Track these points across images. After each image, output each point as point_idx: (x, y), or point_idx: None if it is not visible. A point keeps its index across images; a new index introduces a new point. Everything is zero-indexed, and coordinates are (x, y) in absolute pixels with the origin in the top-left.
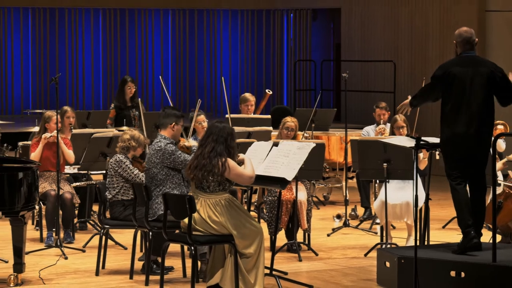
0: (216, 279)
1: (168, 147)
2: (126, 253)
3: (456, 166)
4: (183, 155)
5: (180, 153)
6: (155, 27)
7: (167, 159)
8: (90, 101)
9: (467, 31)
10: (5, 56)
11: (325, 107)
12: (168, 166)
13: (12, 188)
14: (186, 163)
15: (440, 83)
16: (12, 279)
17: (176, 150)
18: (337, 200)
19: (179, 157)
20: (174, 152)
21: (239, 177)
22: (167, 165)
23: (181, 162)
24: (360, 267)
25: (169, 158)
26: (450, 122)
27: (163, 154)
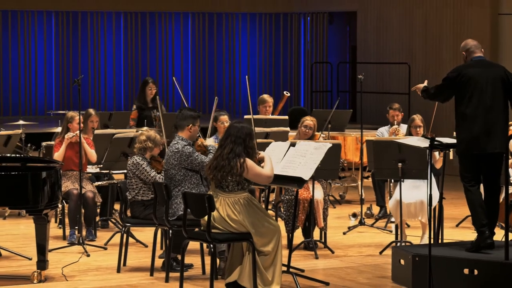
0: (234, 276)
1: (185, 149)
2: (147, 251)
3: (471, 168)
4: (200, 157)
5: (198, 154)
6: (175, 30)
7: (184, 161)
8: (112, 102)
9: (473, 40)
10: (29, 58)
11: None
12: (186, 168)
13: (35, 187)
14: (203, 164)
15: (453, 85)
16: (35, 276)
17: (193, 152)
18: (353, 199)
19: (196, 159)
20: (192, 154)
21: (258, 177)
22: (184, 166)
23: (198, 163)
24: (375, 265)
25: (186, 160)
26: (466, 123)
27: (181, 156)
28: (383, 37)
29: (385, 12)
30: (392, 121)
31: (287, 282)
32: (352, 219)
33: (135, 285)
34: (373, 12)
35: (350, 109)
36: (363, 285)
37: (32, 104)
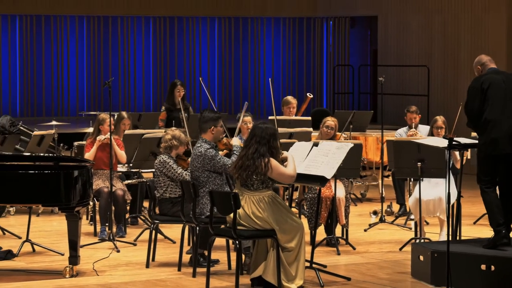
0: (259, 271)
1: (208, 152)
2: (175, 247)
3: (489, 171)
4: (223, 160)
5: (220, 157)
6: (203, 34)
7: (207, 164)
8: (141, 103)
9: (486, 55)
10: (62, 61)
11: (363, 110)
12: (209, 170)
13: (68, 185)
14: (225, 167)
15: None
16: (67, 271)
17: (216, 155)
18: (373, 197)
19: (219, 162)
20: (214, 157)
21: (281, 176)
22: (207, 169)
23: (220, 166)
24: (395, 261)
25: (209, 163)
26: (489, 127)
27: (204, 159)
28: (403, 40)
29: (405, 17)
30: (410, 123)
31: (310, 278)
32: (373, 216)
33: (163, 280)
34: (394, 16)
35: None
36: (384, 280)
37: (65, 105)
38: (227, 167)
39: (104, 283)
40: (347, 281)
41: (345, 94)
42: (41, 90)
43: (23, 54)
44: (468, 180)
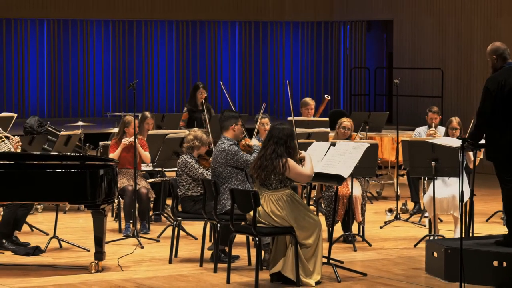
0: (278, 267)
1: (231, 148)
2: (197, 243)
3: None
4: (245, 156)
5: (242, 153)
6: (224, 38)
7: (230, 159)
8: (164, 104)
9: (502, 44)
10: (88, 64)
11: (378, 111)
12: (232, 165)
13: (93, 183)
14: (248, 163)
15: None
16: (93, 266)
17: (238, 151)
18: (389, 195)
19: (241, 157)
20: (237, 153)
21: (299, 176)
22: (230, 164)
23: (243, 162)
24: (410, 257)
25: (232, 158)
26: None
27: (227, 154)
28: (418, 44)
29: (420, 20)
30: (430, 123)
31: (327, 273)
32: (388, 214)
33: (185, 275)
34: (408, 20)
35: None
36: (399, 276)
37: (91, 106)
38: (249, 163)
39: (128, 278)
40: (363, 276)
41: (361, 95)
42: (68, 91)
43: (50, 57)
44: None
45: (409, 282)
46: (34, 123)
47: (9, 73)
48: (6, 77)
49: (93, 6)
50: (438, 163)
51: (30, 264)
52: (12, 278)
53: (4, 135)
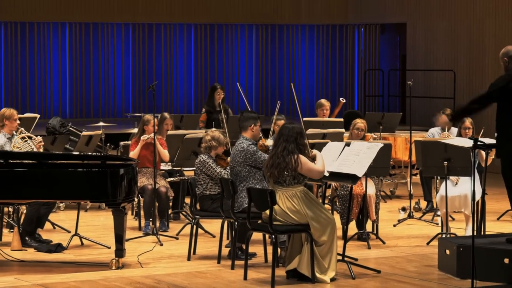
0: (294, 264)
1: (250, 148)
2: (214, 241)
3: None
4: (263, 155)
5: (261, 153)
6: (241, 40)
7: (249, 159)
8: (183, 105)
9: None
10: (109, 66)
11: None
12: (250, 165)
13: (114, 182)
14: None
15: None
16: (114, 263)
17: (257, 150)
18: (402, 194)
19: (260, 157)
20: (255, 152)
21: (310, 172)
22: (249, 163)
23: (261, 161)
24: (423, 254)
25: (251, 157)
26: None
27: (246, 154)
28: (430, 46)
29: (432, 23)
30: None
31: (342, 270)
32: (401, 212)
33: (203, 272)
34: (421, 23)
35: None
36: (412, 273)
37: (111, 107)
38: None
39: (148, 275)
40: (377, 273)
41: (375, 97)
42: (89, 93)
43: (72, 59)
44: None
45: (422, 279)
46: (57, 124)
47: (32, 74)
48: (30, 79)
49: (114, 10)
50: (450, 162)
51: (52, 261)
52: (35, 275)
53: (27, 135)
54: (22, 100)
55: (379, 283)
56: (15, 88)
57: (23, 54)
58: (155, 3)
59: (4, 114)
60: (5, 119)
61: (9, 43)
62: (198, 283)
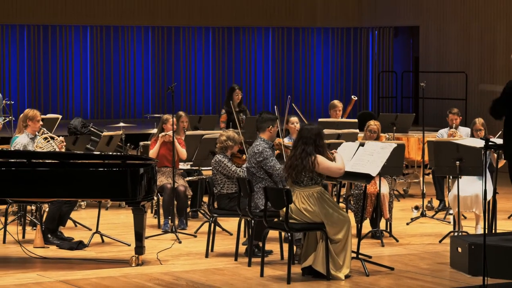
0: (309, 261)
1: (264, 151)
2: (232, 238)
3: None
4: (274, 162)
5: (272, 159)
6: (258, 43)
7: (261, 162)
8: (201, 106)
9: None
10: (129, 68)
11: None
12: (263, 168)
13: (134, 181)
14: (274, 168)
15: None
16: (133, 260)
17: (269, 156)
18: (415, 193)
19: (269, 162)
20: (267, 157)
21: (328, 170)
22: (261, 166)
23: (270, 167)
24: (435, 252)
25: (262, 161)
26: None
27: (259, 157)
28: (443, 48)
29: (444, 26)
30: (451, 124)
31: (356, 267)
32: (414, 211)
33: (221, 268)
34: (434, 26)
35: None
36: (424, 270)
37: (131, 108)
38: (275, 169)
39: (167, 271)
40: (390, 270)
41: (389, 98)
42: (110, 94)
43: (94, 61)
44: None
45: (434, 276)
46: (78, 124)
47: (54, 76)
48: (52, 80)
49: (134, 13)
50: (462, 162)
51: (74, 258)
52: (57, 271)
53: (50, 135)
54: (44, 101)
55: (392, 280)
56: (38, 89)
57: (45, 56)
58: (174, 7)
59: (28, 115)
60: (28, 120)
61: (33, 46)
62: (215, 280)
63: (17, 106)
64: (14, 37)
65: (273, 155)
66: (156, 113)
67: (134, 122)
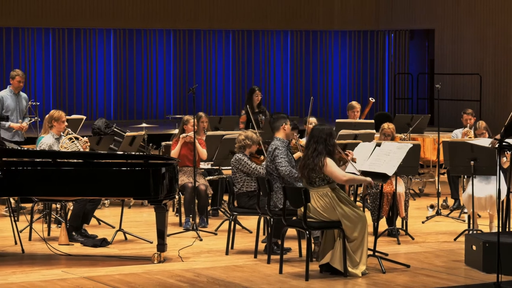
0: (327, 258)
1: (277, 149)
2: (251, 236)
3: None
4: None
5: (281, 161)
6: (277, 45)
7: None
8: (221, 107)
9: None
10: (151, 70)
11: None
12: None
13: (156, 180)
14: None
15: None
16: (156, 257)
17: (280, 154)
18: (430, 192)
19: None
20: (278, 155)
21: (332, 174)
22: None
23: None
24: (450, 250)
25: (273, 160)
26: None
27: (272, 155)
28: (457, 51)
29: (460, 29)
30: (466, 124)
31: (373, 265)
32: (430, 210)
33: (241, 265)
34: (449, 29)
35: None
36: (440, 268)
37: (153, 109)
38: (280, 166)
39: (188, 268)
40: (406, 268)
41: (405, 99)
42: (132, 95)
43: (117, 63)
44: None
45: (449, 273)
46: (102, 125)
47: (79, 78)
48: (76, 82)
49: (157, 17)
50: (476, 162)
51: (97, 255)
52: (81, 268)
53: (74, 136)
54: (69, 102)
55: (408, 277)
56: (63, 90)
57: (70, 59)
58: (196, 11)
59: (53, 116)
60: (53, 121)
61: (58, 48)
62: (235, 277)
63: (42, 107)
64: (39, 40)
65: (285, 154)
66: (177, 114)
67: (156, 123)
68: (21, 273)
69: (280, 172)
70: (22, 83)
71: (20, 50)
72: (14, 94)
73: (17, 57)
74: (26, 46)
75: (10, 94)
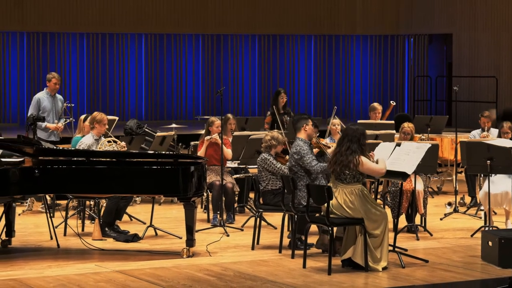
0: (349, 254)
1: (301, 150)
2: (276, 232)
3: None
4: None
5: (310, 156)
6: (301, 49)
7: (299, 160)
8: (248, 108)
9: None
10: (181, 72)
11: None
12: (301, 165)
13: (185, 179)
14: (310, 165)
15: None
16: (185, 252)
17: (306, 153)
18: (448, 190)
19: (307, 160)
20: (304, 155)
21: (370, 171)
22: (300, 164)
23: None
24: (467, 246)
25: (301, 159)
26: None
27: (297, 155)
28: (475, 55)
29: (476, 34)
30: (483, 126)
31: (393, 260)
32: (447, 207)
33: (266, 260)
34: (466, 34)
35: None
36: (457, 263)
37: (183, 110)
38: (311, 165)
39: (215, 263)
40: (425, 263)
41: (424, 101)
42: (163, 97)
43: (148, 66)
44: None
45: (466, 268)
46: (133, 125)
47: (111, 80)
48: (109, 84)
49: (187, 22)
50: (493, 161)
51: (129, 250)
52: (114, 262)
53: (113, 139)
54: (102, 104)
55: (427, 271)
56: (96, 92)
57: (103, 62)
58: (224, 16)
59: (96, 118)
60: (95, 122)
61: (92, 52)
62: (261, 271)
63: (77, 108)
64: (74, 44)
65: (311, 153)
66: (206, 115)
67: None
68: (56, 267)
69: (313, 169)
70: (58, 85)
71: (56, 54)
72: (50, 96)
73: (53, 60)
74: (62, 50)
75: (46, 96)
